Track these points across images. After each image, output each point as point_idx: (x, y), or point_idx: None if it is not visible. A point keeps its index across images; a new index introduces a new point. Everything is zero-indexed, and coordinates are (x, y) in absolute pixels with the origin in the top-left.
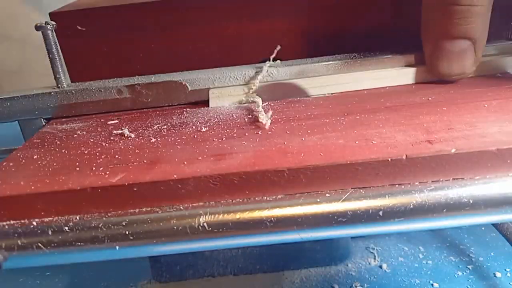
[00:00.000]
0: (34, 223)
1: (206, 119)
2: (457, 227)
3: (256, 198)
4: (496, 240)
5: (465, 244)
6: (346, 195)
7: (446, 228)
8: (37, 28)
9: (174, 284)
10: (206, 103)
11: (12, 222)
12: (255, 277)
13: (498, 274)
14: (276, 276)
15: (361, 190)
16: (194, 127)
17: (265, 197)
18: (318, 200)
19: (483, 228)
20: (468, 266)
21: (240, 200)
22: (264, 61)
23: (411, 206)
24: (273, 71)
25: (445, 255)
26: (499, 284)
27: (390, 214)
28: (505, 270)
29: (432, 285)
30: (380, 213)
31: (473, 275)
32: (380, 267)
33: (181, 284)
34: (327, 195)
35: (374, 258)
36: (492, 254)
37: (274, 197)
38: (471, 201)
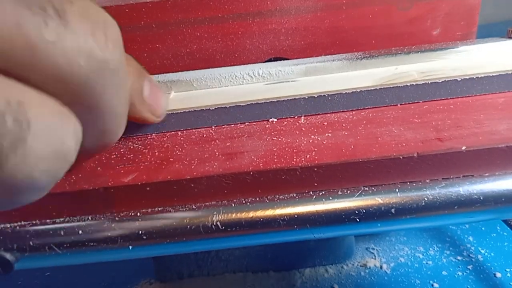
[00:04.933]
0: (46, 223)
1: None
2: (457, 227)
3: (269, 197)
4: (496, 240)
5: (465, 244)
6: (358, 193)
7: (447, 228)
8: None
9: (175, 283)
10: None
11: (23, 223)
12: (256, 276)
13: (498, 274)
14: (277, 276)
15: (373, 188)
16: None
17: (278, 196)
18: (331, 198)
19: (483, 228)
20: (468, 266)
21: (253, 199)
22: (270, 60)
23: (423, 203)
24: (280, 70)
25: (445, 255)
26: (499, 284)
27: (402, 211)
28: (505, 270)
29: (432, 285)
30: (393, 210)
31: (473, 275)
32: (380, 267)
33: (183, 283)
34: (340, 193)
35: (374, 258)
36: (492, 254)
37: (286, 195)
38: (481, 198)
